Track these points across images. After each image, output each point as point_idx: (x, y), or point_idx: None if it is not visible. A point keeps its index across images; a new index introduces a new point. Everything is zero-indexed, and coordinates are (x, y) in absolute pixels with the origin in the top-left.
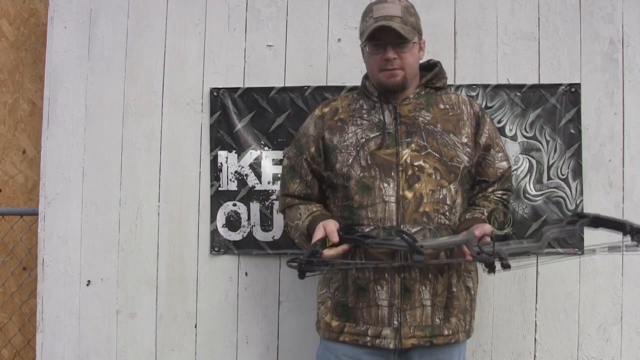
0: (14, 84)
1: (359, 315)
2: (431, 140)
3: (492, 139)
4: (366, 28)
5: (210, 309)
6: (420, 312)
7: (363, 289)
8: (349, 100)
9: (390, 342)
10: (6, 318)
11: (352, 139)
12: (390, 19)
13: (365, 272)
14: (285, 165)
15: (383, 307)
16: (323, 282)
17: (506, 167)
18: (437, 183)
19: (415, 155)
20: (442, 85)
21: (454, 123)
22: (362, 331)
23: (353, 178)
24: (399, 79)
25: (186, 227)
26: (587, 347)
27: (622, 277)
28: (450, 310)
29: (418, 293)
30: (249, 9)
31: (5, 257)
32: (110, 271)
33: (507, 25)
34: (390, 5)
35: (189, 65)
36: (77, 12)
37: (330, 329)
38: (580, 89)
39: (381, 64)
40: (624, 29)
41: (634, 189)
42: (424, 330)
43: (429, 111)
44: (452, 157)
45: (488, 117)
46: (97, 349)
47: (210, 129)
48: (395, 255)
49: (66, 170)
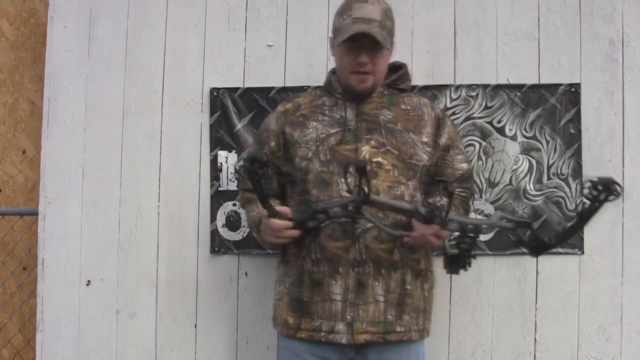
0: (14, 84)
1: (314, 309)
2: (390, 137)
3: (452, 140)
4: (343, 26)
5: (210, 309)
6: (373, 308)
7: (318, 284)
8: (312, 96)
9: (343, 337)
10: (6, 318)
11: (313, 134)
12: (369, 22)
13: (320, 266)
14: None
15: (337, 301)
16: (279, 279)
17: (466, 168)
18: (394, 179)
19: (374, 151)
20: (405, 87)
21: (414, 123)
22: (317, 326)
23: (312, 172)
24: (369, 85)
25: (186, 227)
26: (587, 347)
27: (622, 277)
28: (403, 308)
29: (371, 288)
30: (249, 9)
31: (5, 257)
32: (110, 271)
33: (507, 25)
34: (370, 6)
35: (189, 65)
36: (77, 12)
37: (288, 325)
38: (580, 89)
39: (353, 66)
40: (624, 29)
41: (634, 189)
42: (377, 326)
43: (390, 110)
44: (411, 155)
45: (449, 120)
46: (97, 349)
47: (210, 128)
48: (350, 250)
49: (66, 170)
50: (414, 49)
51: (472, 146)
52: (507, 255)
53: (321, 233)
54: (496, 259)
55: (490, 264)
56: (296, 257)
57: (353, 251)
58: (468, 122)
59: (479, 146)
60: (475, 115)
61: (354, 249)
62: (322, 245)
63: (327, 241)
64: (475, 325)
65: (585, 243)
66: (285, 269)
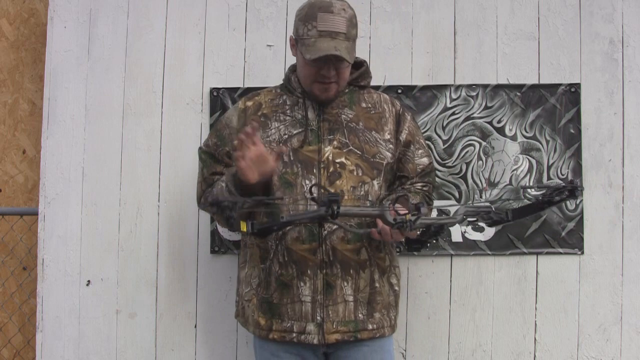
0: (14, 83)
1: (284, 311)
2: (353, 137)
3: (413, 135)
4: (307, 37)
5: (210, 309)
6: (342, 308)
7: (287, 285)
8: (272, 95)
9: (314, 338)
10: (6, 318)
11: (275, 135)
12: (335, 35)
13: (288, 269)
14: (205, 152)
15: (306, 302)
16: (245, 280)
17: (427, 162)
18: (358, 179)
19: (337, 152)
20: (365, 84)
21: (375, 121)
22: (288, 327)
23: (275, 174)
24: (332, 94)
25: (186, 227)
26: (587, 347)
27: (622, 277)
28: (374, 306)
29: (340, 289)
30: (249, 9)
31: (5, 257)
32: (110, 271)
33: (507, 25)
34: (336, 18)
35: (188, 65)
36: (77, 12)
37: (260, 326)
38: (580, 88)
39: (317, 76)
40: (624, 29)
41: (633, 188)
42: (347, 326)
43: (351, 109)
44: (375, 154)
45: (409, 115)
46: (97, 349)
47: (210, 128)
48: (317, 252)
49: (66, 170)
50: (414, 49)
51: (472, 146)
52: (507, 255)
53: (287, 236)
54: (496, 259)
55: (490, 264)
56: (262, 259)
57: (320, 253)
58: (468, 122)
59: (479, 146)
60: (475, 115)
61: (321, 250)
62: (288, 248)
63: (294, 244)
64: (475, 325)
65: (585, 243)
66: (250, 270)
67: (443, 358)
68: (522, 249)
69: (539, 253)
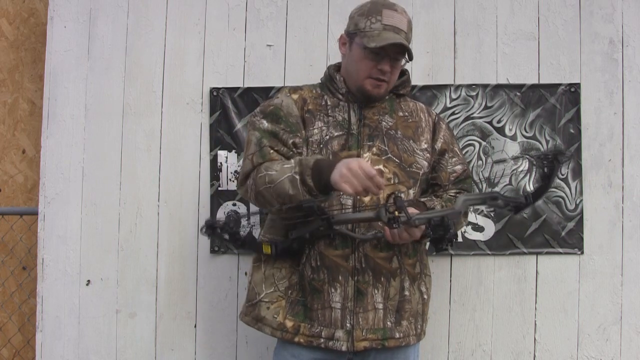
0: (13, 83)
1: (314, 316)
2: (392, 145)
3: (447, 144)
4: (372, 30)
5: (210, 309)
6: (372, 315)
7: (318, 291)
8: (314, 93)
9: (343, 345)
10: (6, 318)
11: (317, 136)
12: (398, 31)
13: (320, 274)
14: (267, 130)
15: (336, 309)
16: (266, 282)
17: (460, 170)
18: (394, 188)
19: (376, 159)
20: (405, 92)
21: (413, 130)
22: (317, 332)
23: None
24: (383, 91)
25: (186, 227)
26: (586, 347)
27: (622, 277)
28: (402, 314)
29: (371, 296)
30: (249, 9)
31: (5, 256)
32: (110, 271)
33: (507, 25)
34: (400, 15)
35: (188, 64)
36: (77, 11)
37: (285, 329)
38: (580, 88)
39: (373, 72)
40: (624, 29)
41: (633, 188)
42: (376, 333)
43: (391, 117)
44: (412, 163)
45: (444, 124)
46: (97, 348)
47: (210, 128)
48: (349, 258)
49: (66, 170)
50: (414, 49)
51: (472, 146)
52: (507, 255)
53: (321, 241)
54: (496, 259)
55: (490, 264)
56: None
57: (352, 260)
58: (468, 122)
59: (479, 146)
60: (475, 115)
61: (354, 257)
62: (321, 253)
63: (327, 249)
64: (475, 325)
65: (585, 243)
66: (273, 270)
67: (443, 358)
68: (522, 248)
69: (538, 253)
